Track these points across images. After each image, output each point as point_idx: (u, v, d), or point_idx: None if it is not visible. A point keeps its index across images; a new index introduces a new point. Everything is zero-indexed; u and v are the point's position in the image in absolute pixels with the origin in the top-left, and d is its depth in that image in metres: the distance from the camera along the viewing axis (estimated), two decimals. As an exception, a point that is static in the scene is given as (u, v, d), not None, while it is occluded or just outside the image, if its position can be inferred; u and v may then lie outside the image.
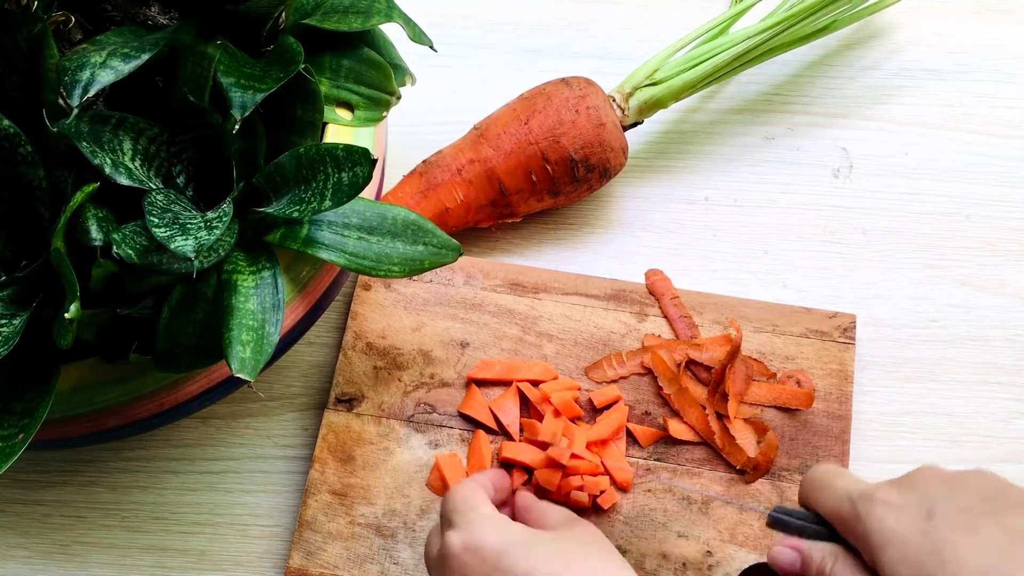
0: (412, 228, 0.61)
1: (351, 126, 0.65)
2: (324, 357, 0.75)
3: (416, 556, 0.67)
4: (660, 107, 0.78)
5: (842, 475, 0.54)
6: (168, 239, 0.51)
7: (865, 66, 0.85)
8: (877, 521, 0.49)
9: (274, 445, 0.72)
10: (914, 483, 0.51)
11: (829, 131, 0.83)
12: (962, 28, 0.87)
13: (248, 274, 0.57)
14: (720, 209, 0.80)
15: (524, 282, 0.75)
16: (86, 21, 0.60)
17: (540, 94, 0.76)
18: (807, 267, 0.78)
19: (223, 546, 0.69)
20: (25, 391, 0.55)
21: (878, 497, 0.50)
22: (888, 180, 0.81)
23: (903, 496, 0.50)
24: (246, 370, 0.54)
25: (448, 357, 0.72)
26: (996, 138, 0.82)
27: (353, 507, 0.68)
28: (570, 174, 0.75)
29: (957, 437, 0.72)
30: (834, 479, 0.53)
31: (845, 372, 0.72)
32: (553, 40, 0.87)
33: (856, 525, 0.50)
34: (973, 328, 0.75)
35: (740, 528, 0.67)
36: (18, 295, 0.55)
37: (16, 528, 0.70)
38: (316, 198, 0.57)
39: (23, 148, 0.55)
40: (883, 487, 0.51)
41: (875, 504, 0.50)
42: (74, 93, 0.53)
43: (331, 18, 0.63)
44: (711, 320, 0.73)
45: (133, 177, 0.55)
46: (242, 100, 0.56)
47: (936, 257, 0.78)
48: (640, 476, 0.69)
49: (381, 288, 0.75)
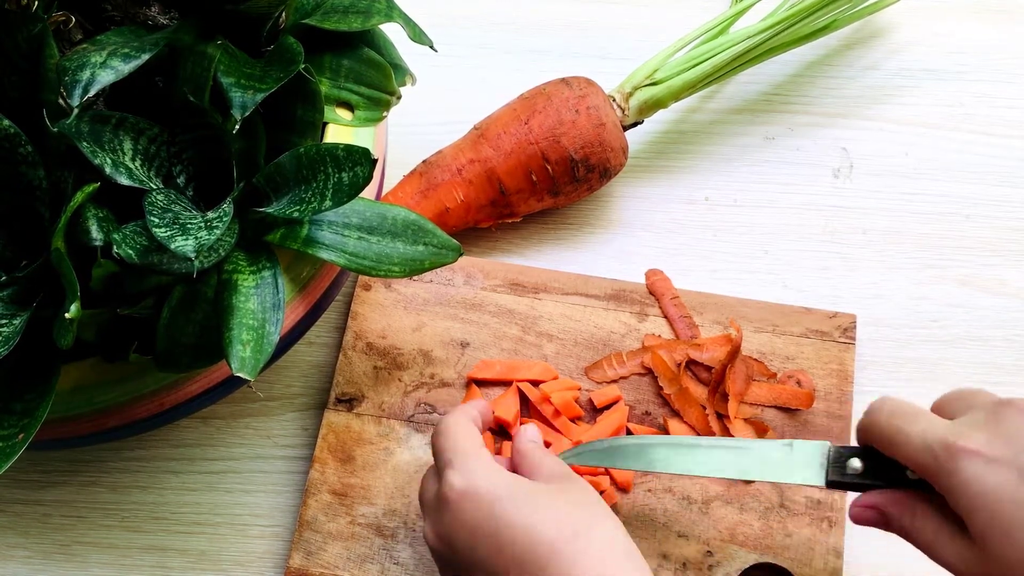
0: (412, 228, 0.61)
1: (351, 126, 0.65)
2: (324, 357, 0.75)
3: (416, 556, 0.67)
4: (660, 107, 0.78)
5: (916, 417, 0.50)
6: (168, 239, 0.51)
7: (865, 66, 0.85)
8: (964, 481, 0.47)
9: (274, 445, 0.72)
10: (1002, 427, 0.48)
11: (829, 131, 0.83)
12: (962, 28, 0.87)
13: (248, 274, 0.57)
14: (720, 209, 0.80)
15: (524, 282, 0.75)
16: (86, 21, 0.60)
17: (540, 94, 0.76)
18: (807, 267, 0.78)
19: (223, 546, 0.69)
20: (25, 391, 0.55)
21: (966, 448, 0.47)
22: (888, 180, 0.81)
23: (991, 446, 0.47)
24: (246, 370, 0.54)
25: (448, 357, 0.72)
26: (996, 138, 0.82)
27: (353, 507, 0.68)
28: (570, 174, 0.75)
29: (957, 437, 0.72)
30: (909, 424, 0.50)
31: (845, 372, 0.72)
32: (553, 40, 0.87)
33: (941, 479, 0.48)
34: (973, 328, 0.75)
35: (740, 528, 0.67)
36: (18, 295, 0.55)
37: (16, 528, 0.70)
38: (316, 198, 0.57)
39: (23, 148, 0.55)
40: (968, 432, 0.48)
41: (961, 458, 0.47)
42: (74, 93, 0.53)
43: (331, 18, 0.63)
44: (711, 320, 0.73)
45: (133, 177, 0.55)
46: (242, 100, 0.56)
47: (936, 257, 0.78)
48: (640, 476, 0.69)
49: (381, 288, 0.75)
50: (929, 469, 0.49)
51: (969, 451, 0.47)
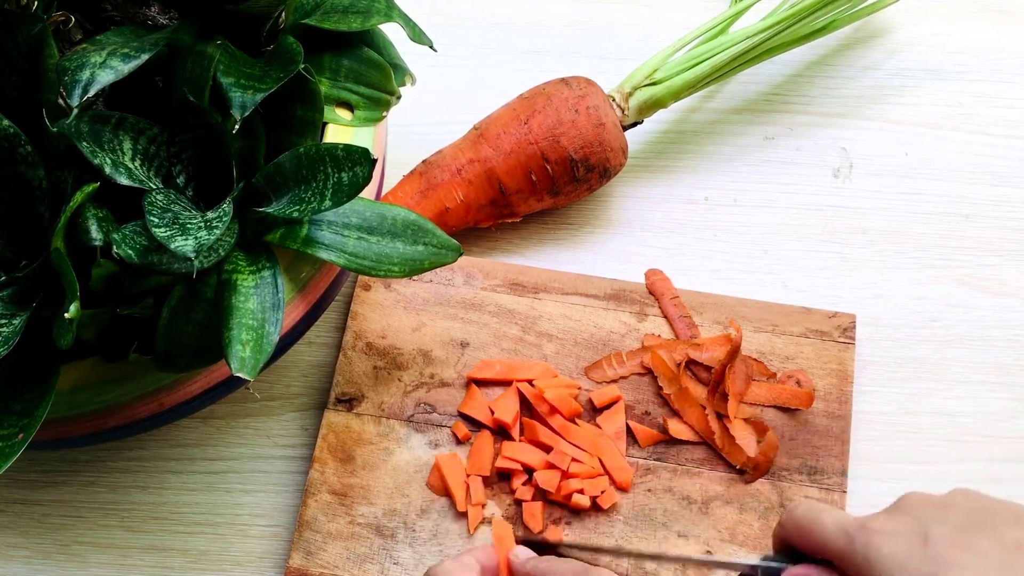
0: (412, 228, 0.61)
1: (351, 126, 0.65)
2: (324, 357, 0.75)
3: (416, 556, 0.67)
4: (660, 107, 0.78)
5: (828, 510, 0.54)
6: (168, 239, 0.51)
7: (865, 66, 0.85)
8: (875, 550, 0.50)
9: (274, 445, 0.72)
10: (904, 510, 0.51)
11: (829, 131, 0.83)
12: (962, 28, 0.87)
13: (248, 274, 0.57)
14: (720, 209, 0.80)
15: (524, 282, 0.75)
16: (86, 21, 0.60)
17: (540, 94, 0.76)
18: (807, 267, 0.78)
19: (223, 546, 0.69)
20: (25, 391, 0.55)
21: (873, 527, 0.51)
22: (888, 180, 0.81)
23: (897, 523, 0.50)
24: (246, 370, 0.54)
25: (448, 357, 0.72)
26: (996, 138, 0.82)
27: (353, 507, 0.68)
28: (570, 174, 0.75)
29: (957, 437, 0.72)
30: (822, 515, 0.53)
31: (845, 372, 0.72)
32: (553, 40, 0.87)
33: (855, 557, 0.51)
34: (973, 328, 0.75)
35: (740, 528, 0.67)
36: (18, 295, 0.55)
37: (16, 528, 0.70)
38: (316, 198, 0.57)
39: (23, 148, 0.55)
40: (875, 517, 0.52)
41: (871, 534, 0.50)
42: (74, 93, 0.53)
43: (331, 18, 0.63)
44: (711, 320, 0.73)
45: (133, 177, 0.55)
46: (242, 100, 0.56)
47: (936, 257, 0.78)
48: (640, 476, 0.69)
49: (381, 288, 0.75)
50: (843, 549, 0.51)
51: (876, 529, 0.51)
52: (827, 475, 0.69)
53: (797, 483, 0.68)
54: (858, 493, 0.69)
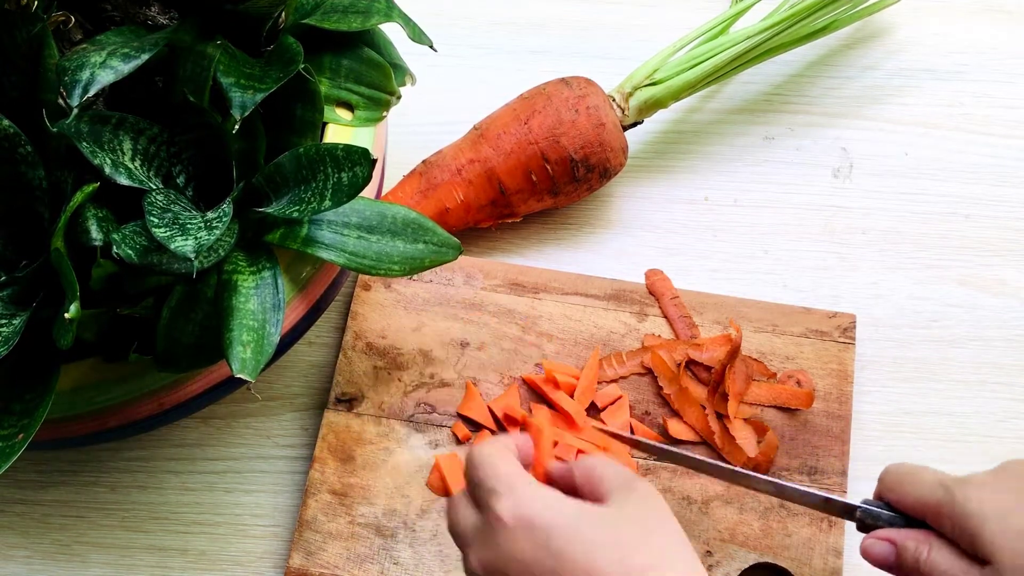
0: (412, 226, 0.61)
1: (351, 126, 0.65)
2: (324, 357, 0.75)
3: (416, 556, 0.67)
4: (660, 107, 0.78)
5: (926, 469, 0.56)
6: (168, 239, 0.51)
7: (865, 66, 0.85)
8: (975, 502, 0.52)
9: (274, 445, 0.72)
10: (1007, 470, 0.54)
11: (829, 131, 0.83)
12: (962, 28, 0.87)
13: (248, 274, 0.57)
14: (720, 209, 0.80)
15: (524, 282, 0.75)
16: (86, 21, 0.60)
17: (540, 94, 0.76)
18: (807, 267, 0.78)
19: (223, 546, 0.69)
20: (25, 391, 0.55)
21: (972, 480, 0.53)
22: (888, 180, 0.81)
23: (996, 478, 0.53)
24: (247, 370, 0.54)
25: (448, 357, 0.72)
26: (996, 138, 0.82)
27: (353, 507, 0.68)
28: (570, 174, 0.75)
29: (957, 437, 0.72)
30: (921, 472, 0.56)
31: (845, 372, 0.72)
32: (553, 40, 0.87)
33: (952, 508, 0.53)
34: (973, 328, 0.75)
35: (740, 528, 0.67)
36: (18, 295, 0.55)
37: (16, 528, 0.70)
38: (316, 198, 0.57)
39: (23, 148, 0.55)
40: (974, 475, 0.54)
41: (971, 487, 0.53)
42: (74, 93, 0.53)
43: (331, 18, 0.63)
44: (711, 320, 0.73)
45: (133, 177, 0.55)
46: (242, 100, 0.56)
47: (936, 257, 0.78)
48: (640, 475, 0.69)
49: (381, 288, 0.75)
50: (941, 501, 0.54)
51: (976, 482, 0.54)
52: (827, 475, 0.69)
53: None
54: (858, 493, 0.69)
